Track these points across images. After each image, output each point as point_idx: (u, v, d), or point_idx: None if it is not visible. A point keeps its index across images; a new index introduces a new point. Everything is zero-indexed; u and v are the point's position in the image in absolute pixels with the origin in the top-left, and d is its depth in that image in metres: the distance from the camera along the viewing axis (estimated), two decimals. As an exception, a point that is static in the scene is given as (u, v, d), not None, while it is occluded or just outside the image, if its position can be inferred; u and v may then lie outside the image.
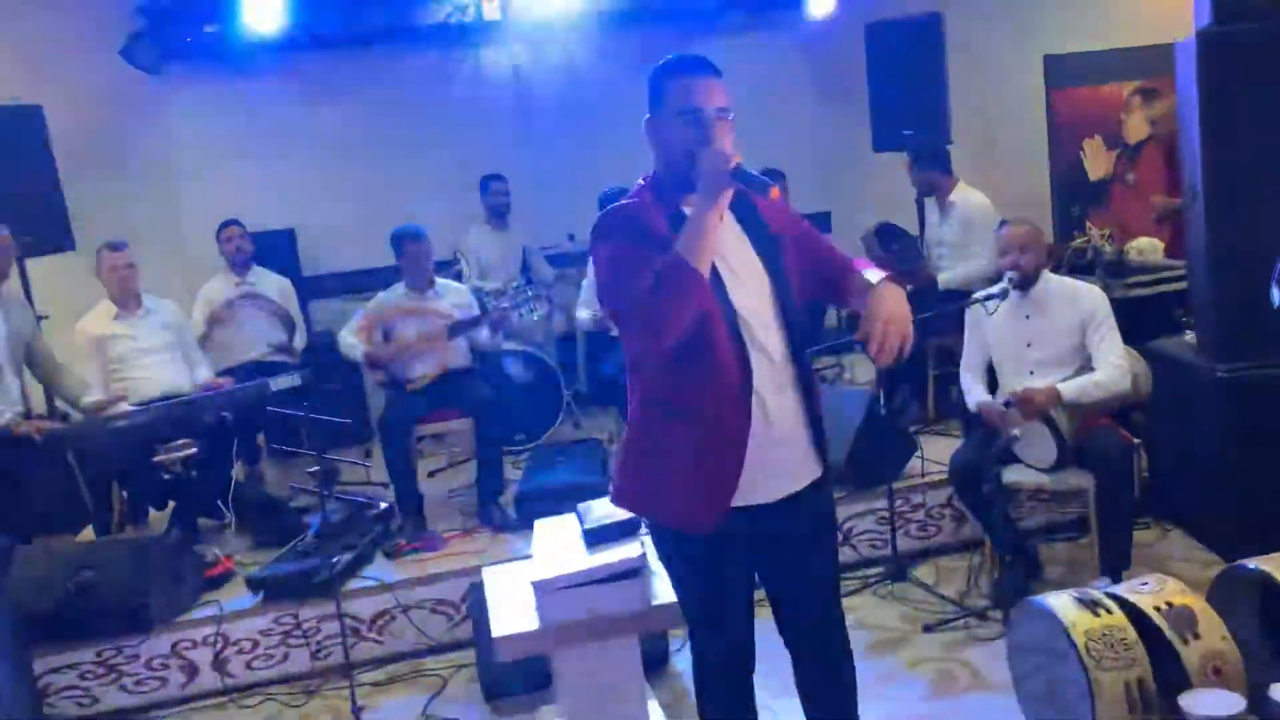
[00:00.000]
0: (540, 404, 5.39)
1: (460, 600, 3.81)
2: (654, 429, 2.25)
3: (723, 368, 2.14)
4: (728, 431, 2.16)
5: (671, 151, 2.19)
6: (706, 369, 2.14)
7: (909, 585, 3.88)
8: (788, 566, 2.33)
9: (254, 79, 6.10)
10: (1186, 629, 2.61)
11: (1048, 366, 3.63)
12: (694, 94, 2.15)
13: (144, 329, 4.62)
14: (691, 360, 2.13)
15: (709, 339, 2.13)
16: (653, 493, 2.26)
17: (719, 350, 2.14)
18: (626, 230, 2.17)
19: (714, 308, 2.12)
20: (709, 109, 2.15)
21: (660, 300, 2.04)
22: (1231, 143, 3.60)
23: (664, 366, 2.16)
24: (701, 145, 2.11)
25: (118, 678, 3.63)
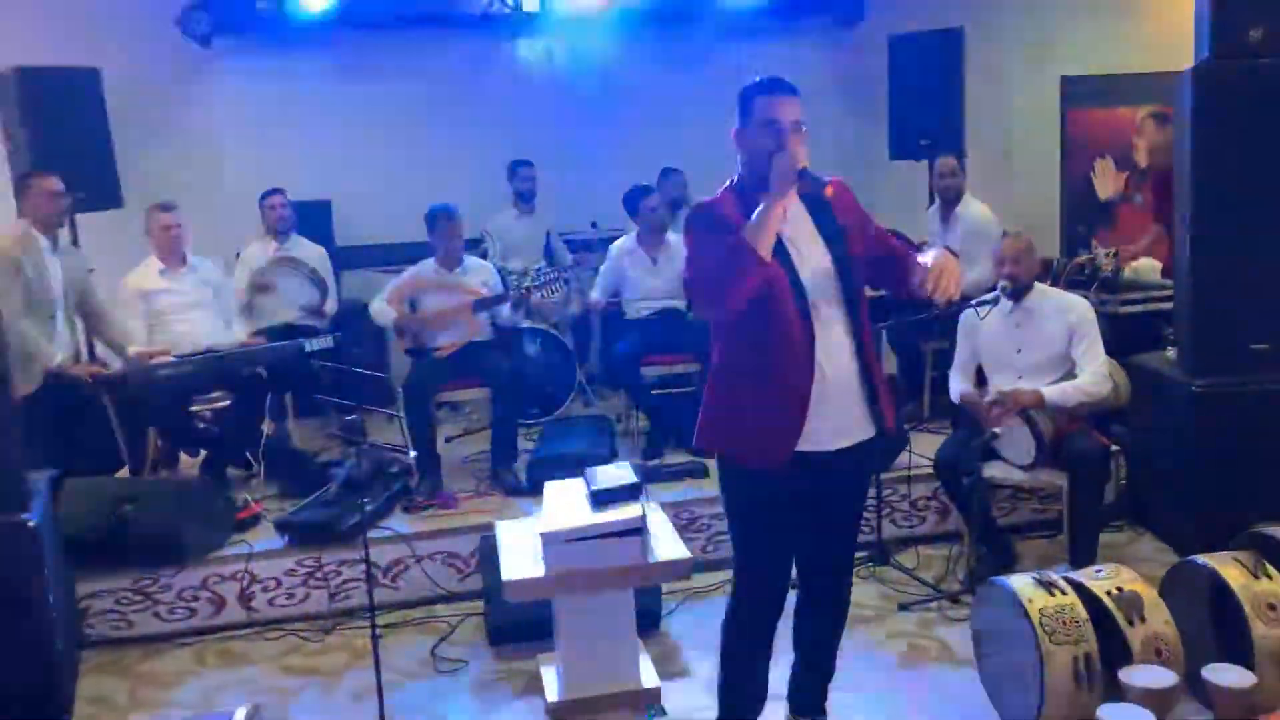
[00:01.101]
0: (554, 381, 5.65)
1: (470, 555, 4.08)
2: (733, 381, 2.63)
3: (790, 331, 2.52)
4: (794, 384, 2.54)
5: (753, 156, 2.57)
6: (777, 331, 2.52)
7: (890, 569, 4.14)
8: (826, 513, 2.71)
9: (300, 55, 6.36)
10: (1133, 612, 2.86)
11: (1035, 372, 3.88)
12: (775, 109, 2.54)
13: (187, 285, 4.89)
14: (764, 324, 2.52)
15: (779, 307, 2.51)
16: (731, 435, 2.63)
17: (787, 317, 2.52)
18: (708, 221, 2.57)
19: (778, 281, 2.50)
20: (786, 121, 2.53)
21: (724, 272, 2.45)
22: (1220, 171, 3.82)
23: (742, 328, 2.55)
24: (779, 151, 2.48)
25: (152, 605, 3.91)
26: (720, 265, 2.45)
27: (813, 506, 2.66)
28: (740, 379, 2.61)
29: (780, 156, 2.46)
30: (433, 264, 4.85)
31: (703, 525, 4.24)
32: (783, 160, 2.45)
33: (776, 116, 2.52)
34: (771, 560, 2.68)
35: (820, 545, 2.76)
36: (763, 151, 2.50)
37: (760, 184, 2.51)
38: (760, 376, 2.56)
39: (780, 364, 2.54)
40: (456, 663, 3.63)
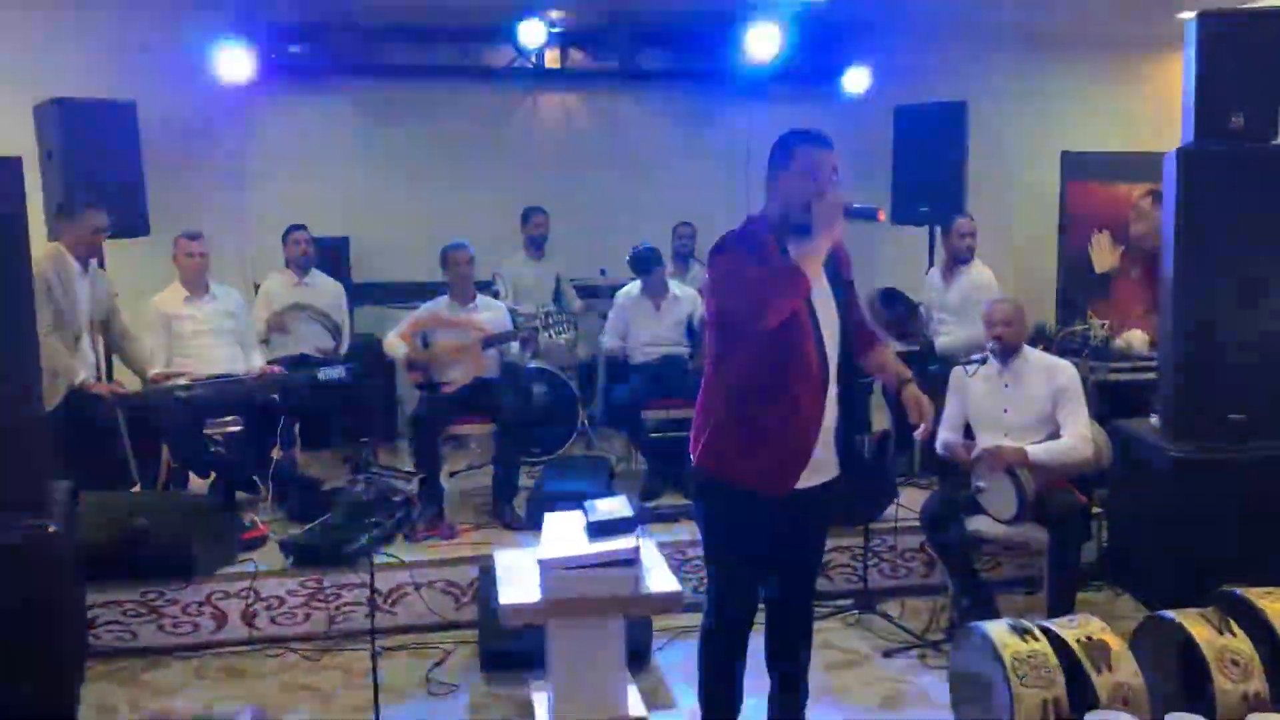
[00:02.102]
0: (557, 421, 5.81)
1: (468, 584, 4.21)
2: (747, 409, 2.76)
3: (810, 368, 2.70)
4: (808, 417, 2.72)
5: (791, 201, 2.72)
6: (799, 368, 2.70)
7: (875, 617, 4.25)
8: (795, 542, 2.89)
9: (329, 97, 6.63)
10: (1101, 660, 2.97)
11: (1020, 431, 4.03)
12: (817, 158, 2.71)
13: (208, 313, 5.07)
14: (787, 359, 2.69)
15: (802, 343, 2.69)
16: (739, 459, 2.77)
17: (809, 354, 2.70)
18: (746, 247, 2.73)
19: (803, 318, 2.68)
20: (826, 171, 2.71)
21: (770, 289, 2.60)
22: (1202, 247, 3.99)
23: (766, 361, 2.70)
24: (819, 196, 2.66)
25: (157, 618, 4.03)
26: (766, 282, 2.61)
27: (785, 536, 2.83)
28: (757, 408, 2.74)
29: (823, 202, 2.64)
30: (446, 300, 5.05)
31: (695, 566, 4.36)
32: (826, 201, 2.63)
33: (818, 165, 2.69)
34: (748, 578, 2.87)
35: (791, 571, 2.95)
36: (802, 198, 2.67)
37: (793, 229, 2.69)
38: (779, 408, 2.71)
39: (798, 399, 2.71)
40: (449, 687, 3.74)
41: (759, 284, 2.62)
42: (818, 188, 2.67)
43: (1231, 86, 3.92)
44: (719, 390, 2.83)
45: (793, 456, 2.75)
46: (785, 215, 2.73)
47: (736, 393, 2.78)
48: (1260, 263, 3.97)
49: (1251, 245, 3.96)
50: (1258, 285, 3.98)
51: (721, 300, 2.79)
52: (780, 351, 2.68)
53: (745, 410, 2.76)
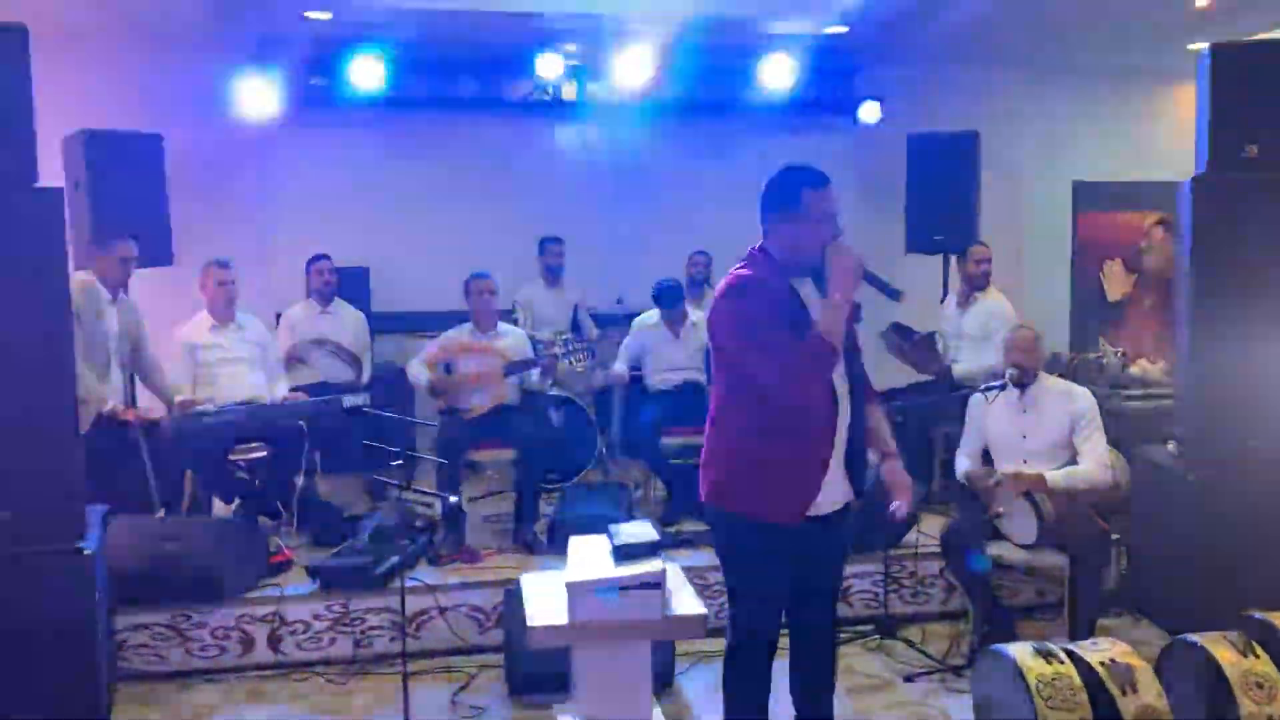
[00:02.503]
0: (576, 448, 5.85)
1: (492, 608, 4.24)
2: (757, 442, 2.81)
3: (821, 403, 2.77)
4: (817, 448, 2.79)
5: (801, 242, 2.77)
6: (811, 402, 2.75)
7: (896, 642, 4.28)
8: (814, 567, 2.93)
9: (351, 129, 6.74)
10: (1126, 683, 3.01)
11: (1039, 457, 4.07)
12: (827, 202, 2.77)
13: (234, 341, 5.15)
14: (803, 395, 2.74)
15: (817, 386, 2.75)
16: (750, 491, 2.82)
17: (820, 390, 2.76)
18: (759, 295, 2.76)
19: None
20: (835, 212, 2.78)
21: (807, 373, 2.70)
22: (1216, 275, 4.06)
23: (778, 399, 2.74)
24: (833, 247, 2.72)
25: (184, 641, 4.08)
26: (796, 356, 2.66)
27: (803, 561, 2.87)
28: (768, 442, 2.78)
29: (839, 250, 2.70)
30: (469, 328, 5.12)
31: (717, 590, 4.39)
32: (843, 255, 2.69)
33: (830, 210, 2.75)
34: (770, 604, 2.92)
35: (810, 596, 2.98)
36: (815, 242, 2.73)
37: (801, 268, 2.76)
38: (790, 440, 2.76)
39: (809, 431, 2.77)
40: (477, 710, 3.77)
41: (787, 353, 2.67)
42: (830, 234, 2.73)
43: (1244, 116, 4.00)
44: (727, 424, 2.88)
45: (803, 486, 2.79)
46: (796, 258, 2.78)
47: (746, 427, 2.84)
48: (1275, 289, 4.02)
49: (1266, 272, 4.01)
50: (1273, 311, 4.02)
51: (743, 357, 2.79)
52: (798, 391, 2.74)
53: (755, 443, 2.82)
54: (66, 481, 3.37)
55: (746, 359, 2.78)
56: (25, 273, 3.26)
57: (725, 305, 2.81)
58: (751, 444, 2.83)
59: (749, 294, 2.76)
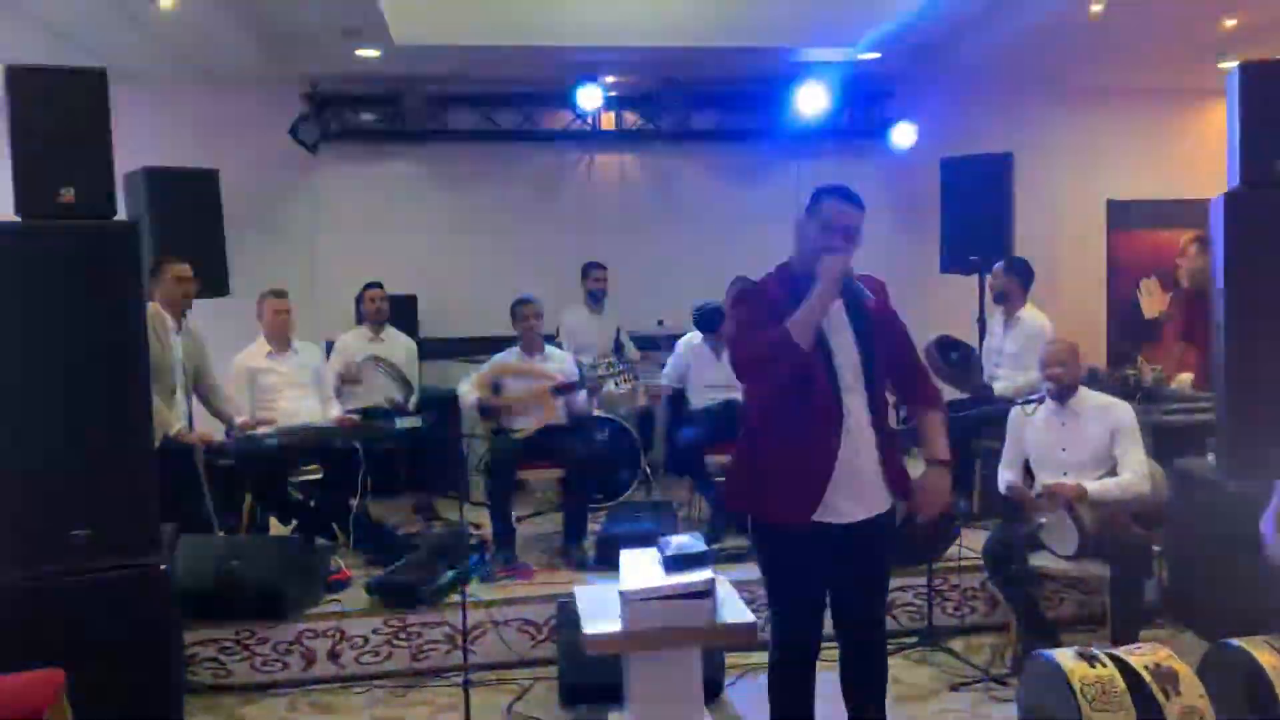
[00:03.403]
0: (620, 468, 5.98)
1: (544, 622, 4.36)
2: (766, 446, 2.93)
3: (821, 410, 2.85)
4: (820, 453, 2.85)
5: (805, 249, 2.92)
6: (810, 409, 2.84)
7: (940, 653, 4.34)
8: (855, 574, 2.99)
9: (396, 161, 6.97)
10: (1169, 686, 3.07)
11: (1078, 469, 4.14)
12: (836, 213, 2.88)
13: (290, 367, 5.34)
14: (800, 400, 2.84)
15: (815, 387, 2.83)
16: (759, 493, 2.93)
17: (821, 397, 2.85)
18: (755, 300, 2.93)
19: (814, 365, 2.82)
20: (840, 226, 2.87)
21: (771, 359, 2.80)
22: (1250, 289, 4.13)
23: (780, 401, 2.86)
24: (828, 252, 2.82)
25: (249, 656, 4.22)
26: (765, 350, 2.79)
27: (839, 570, 2.94)
28: (773, 445, 2.90)
29: (829, 260, 2.80)
30: (517, 351, 5.27)
31: (762, 604, 4.47)
32: (831, 264, 2.79)
33: (834, 220, 2.86)
34: (801, 611, 2.98)
35: (850, 603, 3.03)
36: (815, 248, 2.85)
37: (807, 276, 2.85)
38: (790, 445, 2.86)
39: (809, 437, 2.85)
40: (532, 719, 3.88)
41: (759, 351, 2.82)
42: (829, 241, 2.82)
43: (1275, 132, 4.07)
44: (744, 429, 3.04)
45: (807, 484, 2.85)
46: (802, 263, 2.92)
47: (757, 430, 2.97)
48: (1309, 302, 4.08)
49: (1298, 285, 4.07)
50: (1307, 324, 4.09)
51: (734, 354, 2.99)
52: (792, 397, 2.83)
53: (762, 444, 2.94)
54: (142, 501, 3.54)
55: (734, 354, 2.97)
56: (107, 302, 3.45)
57: (729, 314, 3.02)
58: (758, 448, 2.95)
59: (747, 301, 2.94)
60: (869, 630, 3.09)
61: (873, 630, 3.09)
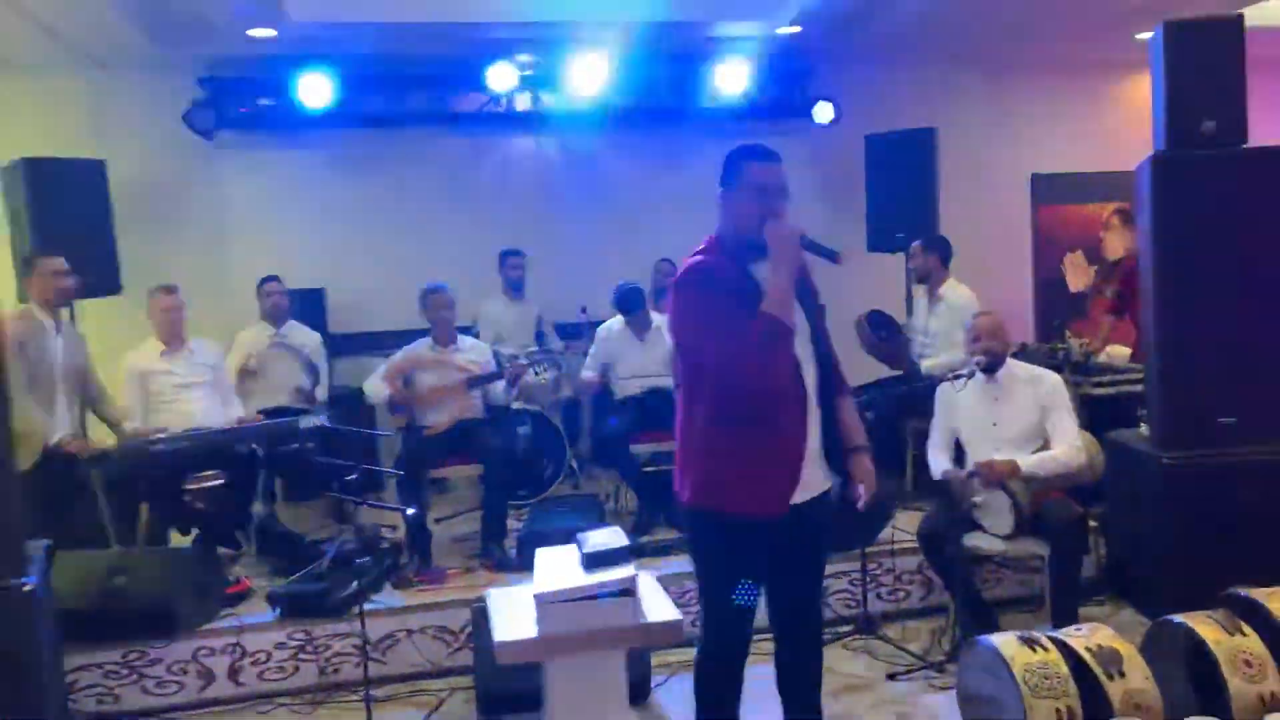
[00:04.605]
0: (544, 462, 5.74)
1: (460, 629, 4.11)
2: (732, 434, 2.69)
3: (788, 387, 2.67)
4: (792, 437, 2.68)
5: (743, 219, 2.69)
6: (778, 387, 2.65)
7: (876, 641, 4.19)
8: (793, 559, 2.83)
9: (300, 149, 6.61)
10: (1113, 667, 2.92)
11: (1011, 444, 4.00)
12: (764, 174, 2.68)
13: (186, 366, 4.99)
14: (765, 380, 2.63)
15: (780, 365, 2.64)
16: (732, 487, 2.70)
17: (786, 374, 2.66)
18: (709, 282, 2.67)
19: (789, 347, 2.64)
20: (774, 187, 2.68)
21: (765, 354, 2.58)
22: (1179, 253, 4.03)
23: (741, 387, 2.63)
24: (771, 217, 2.61)
25: (139, 679, 3.91)
26: (757, 343, 2.56)
27: (779, 555, 2.79)
28: (741, 432, 2.68)
29: (775, 225, 2.60)
30: (428, 342, 5.00)
31: (692, 599, 4.28)
32: (780, 228, 2.59)
33: (766, 182, 2.66)
34: (743, 607, 2.79)
35: (789, 589, 2.89)
36: (753, 216, 2.64)
37: (750, 247, 2.65)
38: (762, 429, 2.66)
39: (781, 417, 2.67)
40: (447, 733, 3.64)
41: (741, 336, 2.57)
42: (768, 206, 2.64)
43: (1199, 93, 3.98)
44: (697, 420, 2.76)
45: (784, 476, 2.70)
46: (739, 234, 2.70)
47: (717, 420, 2.72)
48: (1238, 265, 3.99)
49: (1228, 248, 3.99)
50: (1237, 288, 3.99)
51: (701, 346, 2.70)
52: (761, 372, 2.63)
53: (729, 436, 2.71)
54: (3, 517, 3.21)
55: (704, 348, 2.69)
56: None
57: (678, 297, 2.72)
58: (725, 437, 2.72)
59: (699, 281, 2.68)
60: (808, 616, 2.95)
61: (812, 616, 2.97)
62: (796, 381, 2.69)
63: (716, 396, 2.71)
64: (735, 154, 2.74)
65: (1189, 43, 4.00)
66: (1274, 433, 3.99)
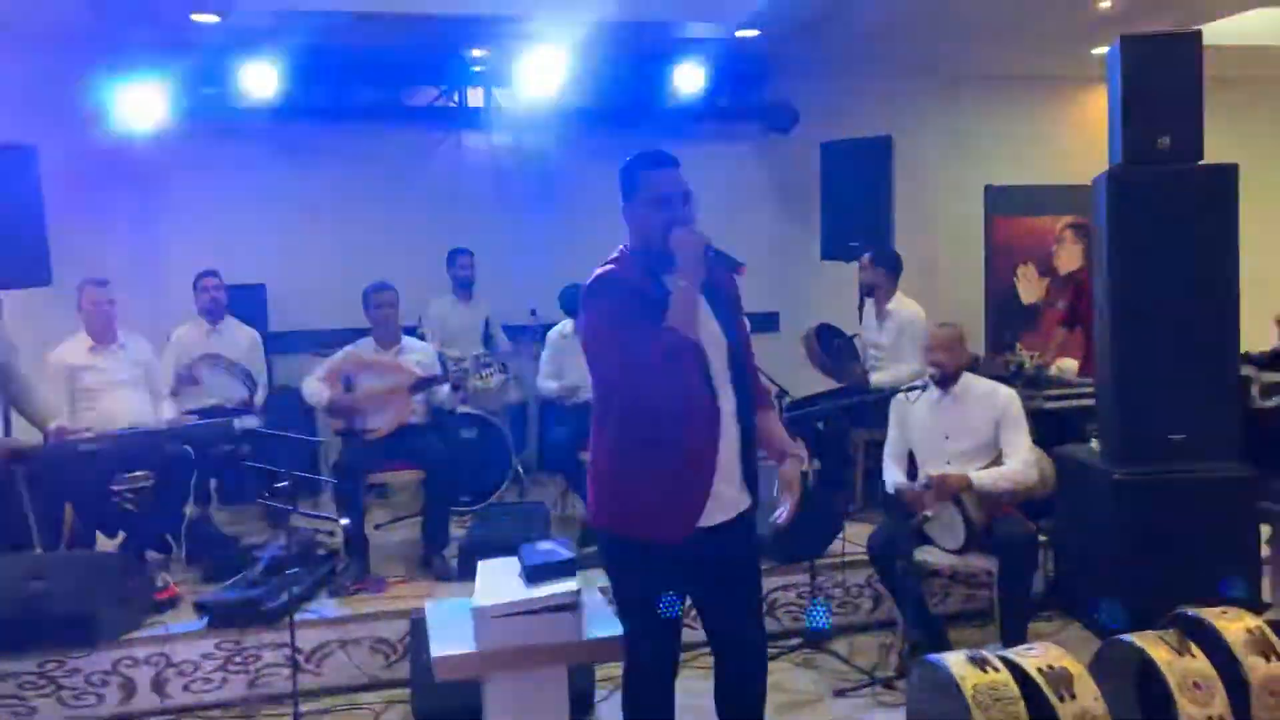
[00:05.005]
0: (489, 468, 5.61)
1: (398, 640, 3.97)
2: (636, 454, 2.57)
3: (698, 405, 2.53)
4: (700, 457, 2.54)
5: (649, 232, 2.57)
6: (686, 405, 2.52)
7: (824, 655, 4.12)
8: (720, 579, 2.69)
9: (243, 140, 6.41)
10: (1063, 688, 2.87)
11: (964, 458, 3.96)
12: (667, 184, 2.56)
13: (116, 363, 4.80)
14: (673, 398, 2.50)
15: (689, 381, 2.51)
16: (633, 507, 2.59)
17: (696, 391, 2.53)
18: (619, 293, 2.53)
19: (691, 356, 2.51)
20: (676, 194, 2.55)
21: (668, 369, 2.44)
22: (1134, 268, 4.01)
23: (648, 401, 2.50)
24: (674, 226, 2.49)
25: (56, 690, 3.72)
26: (659, 357, 2.43)
27: (703, 576, 2.67)
28: (644, 454, 2.56)
29: (682, 234, 2.48)
30: (370, 342, 4.84)
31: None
32: (685, 238, 2.47)
33: (667, 191, 2.54)
34: (656, 628, 2.66)
35: (718, 610, 2.76)
36: (656, 227, 2.52)
37: (660, 259, 2.53)
38: (667, 449, 2.53)
39: (687, 437, 2.53)
40: (380, 750, 3.50)
41: (645, 353, 2.44)
42: (670, 215, 2.53)
43: (1156, 109, 3.97)
44: (603, 437, 2.65)
45: (691, 498, 2.56)
46: (647, 247, 2.58)
47: (623, 439, 2.60)
48: (1191, 282, 3.98)
49: (1182, 264, 3.98)
50: (1190, 305, 3.99)
51: (606, 360, 2.58)
52: (667, 390, 2.49)
53: (631, 456, 2.58)
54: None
55: (608, 362, 2.57)
56: None
57: (585, 308, 2.59)
58: (629, 457, 2.59)
59: (605, 293, 2.55)
60: (742, 635, 2.79)
61: (746, 636, 2.80)
62: (707, 399, 2.55)
63: (623, 414, 2.58)
64: (631, 164, 2.61)
65: (1147, 58, 3.99)
66: (1224, 450, 3.99)
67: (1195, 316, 3.98)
